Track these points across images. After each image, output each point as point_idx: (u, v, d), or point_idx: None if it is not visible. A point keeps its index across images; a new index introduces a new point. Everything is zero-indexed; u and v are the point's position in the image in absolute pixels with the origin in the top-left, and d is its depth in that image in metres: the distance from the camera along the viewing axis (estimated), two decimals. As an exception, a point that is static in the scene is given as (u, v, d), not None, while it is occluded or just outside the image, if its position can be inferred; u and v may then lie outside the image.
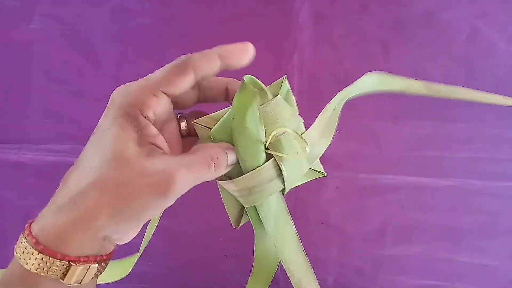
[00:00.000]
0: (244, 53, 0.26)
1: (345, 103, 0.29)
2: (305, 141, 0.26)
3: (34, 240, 0.21)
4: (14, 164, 0.48)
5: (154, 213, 0.23)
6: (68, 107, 0.49)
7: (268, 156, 0.27)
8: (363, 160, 0.33)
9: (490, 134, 0.46)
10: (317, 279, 0.51)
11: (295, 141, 0.27)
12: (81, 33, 0.49)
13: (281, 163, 0.26)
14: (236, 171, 0.27)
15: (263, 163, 0.27)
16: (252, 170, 0.26)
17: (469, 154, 0.46)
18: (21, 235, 0.22)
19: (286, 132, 0.27)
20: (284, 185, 0.28)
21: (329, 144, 0.29)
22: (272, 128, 0.26)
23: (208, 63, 0.25)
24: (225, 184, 0.28)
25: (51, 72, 0.49)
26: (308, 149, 0.26)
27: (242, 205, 0.29)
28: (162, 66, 0.24)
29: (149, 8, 0.49)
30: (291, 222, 0.29)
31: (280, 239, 0.29)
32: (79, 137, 0.48)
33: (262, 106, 0.27)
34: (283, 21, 0.48)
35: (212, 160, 0.24)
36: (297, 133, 0.27)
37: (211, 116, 0.27)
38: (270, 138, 0.26)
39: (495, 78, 0.47)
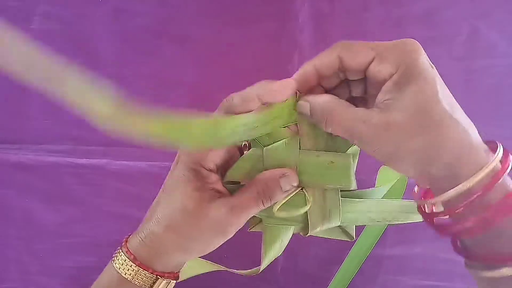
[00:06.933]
0: (284, 92, 0.27)
1: None
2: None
3: (132, 257, 0.29)
4: (14, 164, 0.48)
5: (215, 247, 0.30)
6: (68, 107, 0.49)
7: None
8: (362, 161, 0.33)
9: (490, 134, 0.46)
10: (317, 278, 0.51)
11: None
12: (81, 33, 0.49)
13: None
14: None
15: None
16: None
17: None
18: (119, 250, 0.30)
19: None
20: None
21: None
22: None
23: (247, 107, 0.27)
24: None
25: (51, 72, 0.49)
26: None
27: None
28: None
29: (149, 8, 0.49)
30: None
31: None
32: (79, 137, 0.48)
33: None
34: (283, 21, 0.48)
35: (262, 196, 0.29)
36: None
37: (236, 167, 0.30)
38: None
39: (495, 78, 0.47)
